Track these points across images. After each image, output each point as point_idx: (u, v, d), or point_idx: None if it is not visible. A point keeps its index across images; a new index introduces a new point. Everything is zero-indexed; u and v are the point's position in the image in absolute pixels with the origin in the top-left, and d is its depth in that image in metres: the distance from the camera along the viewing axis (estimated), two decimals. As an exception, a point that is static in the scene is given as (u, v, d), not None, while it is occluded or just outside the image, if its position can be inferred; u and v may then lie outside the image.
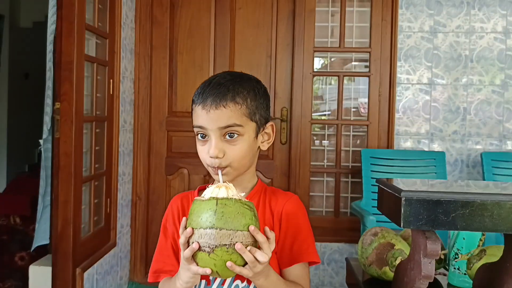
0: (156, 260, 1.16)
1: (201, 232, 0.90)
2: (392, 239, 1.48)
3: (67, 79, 2.49)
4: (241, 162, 1.10)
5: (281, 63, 3.33)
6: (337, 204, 3.29)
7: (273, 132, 1.17)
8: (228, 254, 0.90)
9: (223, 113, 1.06)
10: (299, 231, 1.13)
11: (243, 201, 0.94)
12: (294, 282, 1.10)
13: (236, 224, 0.90)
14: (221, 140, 1.07)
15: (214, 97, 1.07)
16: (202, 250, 0.90)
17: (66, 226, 2.47)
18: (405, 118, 3.18)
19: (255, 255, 0.91)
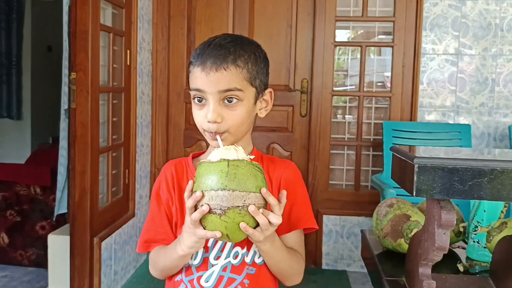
0: (147, 229, 1.11)
1: (212, 194, 0.87)
2: (408, 210, 1.42)
3: (83, 48, 2.47)
4: (239, 128, 1.05)
5: (301, 32, 3.23)
6: (358, 178, 3.23)
7: (271, 99, 1.13)
8: (241, 216, 0.87)
9: (223, 76, 1.01)
10: (297, 198, 1.10)
11: (254, 163, 0.91)
12: (293, 249, 1.09)
13: (249, 186, 0.87)
14: (219, 104, 1.02)
15: (215, 58, 1.01)
16: (213, 213, 0.88)
17: (84, 195, 2.48)
18: (430, 90, 3.06)
19: (268, 217, 0.89)
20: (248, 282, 1.04)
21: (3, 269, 3.13)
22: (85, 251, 2.50)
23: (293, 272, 1.10)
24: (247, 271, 1.05)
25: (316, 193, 3.23)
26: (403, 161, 1.08)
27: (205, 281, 1.04)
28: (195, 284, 1.05)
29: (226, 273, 1.04)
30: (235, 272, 1.04)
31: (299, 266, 1.11)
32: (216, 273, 1.04)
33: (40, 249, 3.09)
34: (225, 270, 1.04)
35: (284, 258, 1.04)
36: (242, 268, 1.05)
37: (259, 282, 1.06)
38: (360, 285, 2.99)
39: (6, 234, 3.16)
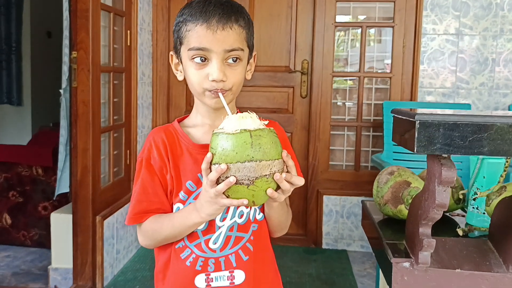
0: (139, 200, 1.06)
1: (238, 166, 0.87)
2: (409, 177, 1.43)
3: (83, 27, 2.47)
4: (239, 88, 1.07)
5: (302, 13, 3.23)
6: (358, 158, 3.24)
7: (254, 62, 1.14)
8: (268, 183, 0.89)
9: (229, 35, 1.00)
10: None
11: (271, 129, 0.91)
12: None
13: (273, 153, 0.88)
14: (223, 63, 1.01)
15: (220, 17, 0.99)
16: (240, 183, 0.88)
17: (85, 174, 2.50)
18: (430, 70, 3.06)
19: (291, 181, 0.91)
20: (253, 238, 1.07)
21: (6, 250, 3.16)
22: (88, 229, 2.52)
23: (287, 224, 1.15)
24: (252, 228, 1.07)
25: (316, 174, 3.25)
26: (404, 120, 1.09)
27: (213, 243, 1.05)
28: (203, 247, 1.05)
29: (233, 233, 1.06)
30: (242, 230, 1.06)
31: (289, 218, 1.17)
32: (223, 234, 1.05)
33: (42, 229, 3.11)
34: (231, 230, 1.06)
35: (285, 212, 1.10)
36: (248, 226, 1.07)
37: (261, 237, 1.09)
38: (360, 264, 3.02)
39: (8, 214, 3.18)
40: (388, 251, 1.22)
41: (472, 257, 1.21)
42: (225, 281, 1.05)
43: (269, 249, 1.15)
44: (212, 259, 1.05)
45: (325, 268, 2.92)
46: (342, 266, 2.95)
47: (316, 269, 2.90)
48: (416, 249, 1.15)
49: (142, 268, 2.87)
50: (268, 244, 1.14)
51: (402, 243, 1.28)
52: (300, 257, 3.08)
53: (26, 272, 2.86)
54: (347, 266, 2.96)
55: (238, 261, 1.05)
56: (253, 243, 1.07)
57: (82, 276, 2.54)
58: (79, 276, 2.54)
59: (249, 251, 1.06)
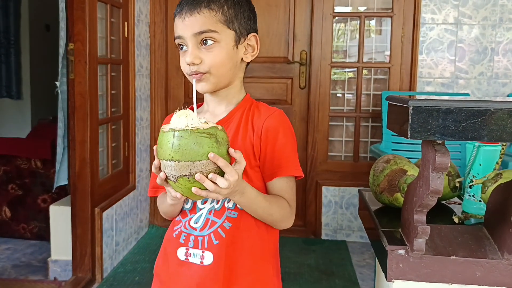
0: (153, 176, 1.13)
1: (164, 164, 0.93)
2: (405, 165, 1.42)
3: (80, 18, 2.46)
4: (220, 70, 1.08)
5: (300, 3, 3.21)
6: (357, 149, 3.24)
7: (257, 44, 1.15)
8: (190, 183, 0.92)
9: (196, 19, 1.06)
10: (278, 145, 1.10)
11: (201, 129, 0.91)
12: (276, 196, 1.10)
13: (193, 155, 0.90)
14: (197, 47, 1.07)
15: (189, 5, 1.07)
16: (169, 179, 0.94)
17: (84, 165, 2.50)
18: (429, 60, 3.05)
19: (216, 182, 0.91)
20: (230, 225, 1.08)
21: (6, 242, 3.17)
22: (86, 221, 2.52)
23: (276, 218, 1.11)
24: (228, 215, 1.09)
25: (315, 165, 3.24)
26: (398, 106, 1.08)
27: (194, 222, 1.11)
28: (187, 224, 1.12)
29: (211, 216, 1.10)
30: (217, 216, 1.09)
31: (283, 212, 1.11)
32: (203, 216, 1.10)
33: (42, 222, 3.11)
34: (210, 214, 1.10)
35: (261, 207, 1.06)
36: (223, 212, 1.09)
37: (241, 225, 1.09)
38: (359, 254, 3.02)
39: (8, 207, 3.18)
40: (383, 238, 1.22)
41: (467, 244, 1.20)
42: (197, 259, 1.10)
43: (254, 239, 1.11)
44: (193, 236, 1.10)
45: (324, 259, 2.93)
46: (341, 257, 2.96)
47: (315, 260, 2.91)
48: (411, 236, 1.15)
49: (142, 259, 2.87)
50: (254, 234, 1.11)
51: (398, 231, 1.28)
52: (299, 248, 3.09)
53: (26, 264, 2.87)
54: (346, 256, 2.97)
55: (209, 244, 1.09)
56: (227, 229, 1.08)
57: (81, 268, 2.55)
58: (79, 268, 2.55)
59: (220, 236, 1.08)
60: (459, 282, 1.13)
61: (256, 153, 1.09)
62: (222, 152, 0.93)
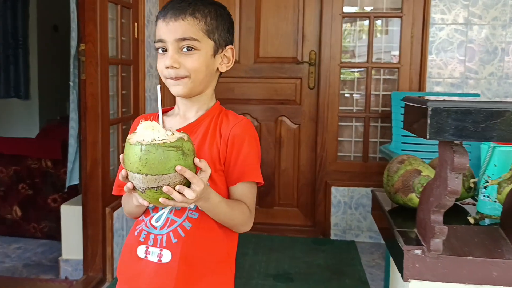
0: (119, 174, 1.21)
1: (131, 175, 0.94)
2: (419, 166, 1.43)
3: (91, 19, 2.47)
4: (198, 75, 1.13)
5: (309, 4, 3.22)
6: (366, 149, 3.24)
7: (232, 56, 1.22)
8: (158, 194, 0.95)
9: (180, 26, 1.10)
10: (243, 153, 1.15)
11: (168, 143, 0.93)
12: (237, 201, 1.15)
13: (160, 169, 0.92)
14: (177, 52, 1.11)
15: (175, 10, 1.11)
16: (137, 189, 0.96)
17: (95, 166, 2.51)
18: (439, 60, 3.05)
19: (184, 193, 0.95)
20: (190, 225, 1.12)
21: (17, 241, 3.19)
22: (98, 221, 2.54)
23: (236, 223, 1.15)
24: (188, 215, 1.12)
25: (324, 165, 3.25)
26: (416, 107, 1.09)
27: (155, 220, 1.14)
28: (148, 223, 1.15)
29: (171, 216, 1.13)
30: (177, 215, 1.13)
31: (243, 217, 1.15)
32: (164, 215, 1.14)
33: (52, 221, 3.13)
34: (171, 213, 1.14)
35: (222, 211, 1.10)
36: (183, 212, 1.13)
37: (201, 226, 1.12)
38: (368, 254, 3.02)
39: (18, 207, 3.21)
40: (399, 238, 1.23)
41: (484, 244, 1.21)
42: (155, 257, 1.13)
43: (214, 240, 1.15)
44: (153, 235, 1.14)
45: (334, 259, 2.93)
46: (350, 257, 2.96)
47: (325, 260, 2.91)
48: (427, 236, 1.16)
49: (152, 259, 2.88)
50: (215, 235, 1.15)
51: (413, 231, 1.28)
52: (308, 248, 3.09)
53: (37, 263, 2.89)
54: (355, 256, 2.97)
55: (168, 242, 1.12)
56: (187, 229, 1.12)
57: (92, 267, 2.56)
58: (90, 267, 2.56)
59: (179, 235, 1.12)
60: (475, 282, 1.14)
61: (221, 158, 1.14)
62: (189, 163, 0.96)
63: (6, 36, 4.81)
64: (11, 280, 2.66)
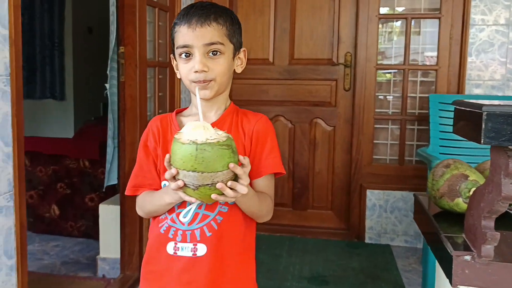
0: (136, 175, 1.26)
1: (184, 173, 0.97)
2: (466, 170, 1.40)
3: (130, 22, 2.51)
4: (223, 78, 1.19)
5: (345, 5, 3.20)
6: (402, 152, 3.20)
7: (245, 57, 1.28)
8: (211, 190, 0.99)
9: (207, 31, 1.15)
10: (267, 147, 1.23)
11: (221, 142, 0.98)
12: (263, 193, 1.21)
13: (216, 167, 0.96)
14: (204, 56, 1.16)
15: (199, 17, 1.15)
16: (188, 186, 0.99)
17: (133, 166, 2.53)
18: (478, 62, 2.98)
19: (236, 189, 1.01)
20: (221, 219, 1.18)
21: (55, 240, 3.26)
22: (135, 220, 2.57)
23: (262, 213, 1.22)
24: (219, 209, 1.18)
25: (359, 168, 3.22)
26: (468, 111, 1.07)
27: (183, 216, 1.18)
28: (175, 219, 1.18)
29: (201, 210, 1.18)
30: (209, 209, 1.18)
31: (268, 208, 1.23)
32: (192, 210, 1.18)
33: (89, 220, 3.20)
34: (200, 208, 1.18)
35: (254, 204, 1.17)
36: (215, 207, 1.18)
37: (231, 219, 1.19)
38: (404, 259, 2.98)
39: (57, 206, 3.28)
40: (447, 244, 1.20)
41: (537, 251, 1.17)
42: (189, 252, 1.17)
43: (241, 233, 1.22)
44: (181, 231, 1.18)
45: (368, 262, 2.90)
46: (386, 261, 2.92)
47: (360, 263, 2.89)
48: (478, 242, 1.13)
49: (186, 259, 2.91)
50: (241, 228, 1.22)
51: (460, 237, 1.26)
52: (342, 251, 3.07)
53: (75, 261, 2.95)
54: (391, 260, 2.93)
55: (202, 236, 1.17)
56: (219, 222, 1.17)
57: (129, 266, 2.60)
58: (127, 266, 2.60)
59: (213, 229, 1.17)
60: (528, 290, 1.11)
61: (246, 153, 1.21)
62: (236, 160, 1.00)
63: (43, 37, 4.93)
64: (50, 277, 2.72)
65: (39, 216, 3.31)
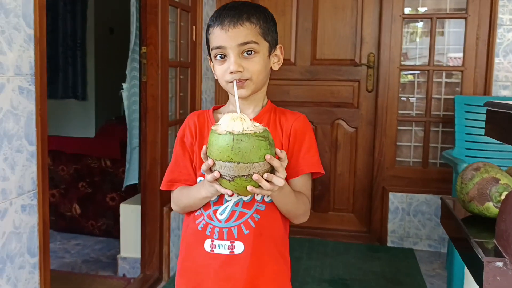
0: (171, 170, 1.26)
1: (220, 164, 0.98)
2: (497, 173, 1.35)
3: (153, 22, 2.52)
4: (259, 77, 1.19)
5: (368, 5, 3.16)
6: (426, 154, 3.14)
7: (281, 54, 1.27)
8: (247, 182, 0.98)
9: (240, 31, 1.15)
10: (305, 146, 1.22)
11: (258, 133, 0.98)
12: (300, 193, 1.20)
13: (252, 157, 0.96)
14: (239, 57, 1.16)
15: (231, 17, 1.15)
16: (223, 178, 0.99)
17: (154, 165, 2.55)
18: (506, 63, 2.91)
19: (272, 181, 1.00)
20: (259, 217, 1.17)
21: (76, 238, 3.29)
22: (156, 220, 2.57)
23: (299, 213, 1.21)
24: (257, 207, 1.17)
25: (382, 170, 3.18)
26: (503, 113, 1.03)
27: (220, 213, 1.18)
28: (212, 216, 1.18)
29: (238, 208, 1.17)
30: (246, 207, 1.17)
31: (305, 208, 1.21)
32: (229, 208, 1.17)
33: (110, 219, 3.21)
34: (237, 206, 1.17)
35: (291, 201, 1.16)
36: (252, 204, 1.17)
37: (268, 217, 1.18)
38: (428, 263, 2.92)
39: (78, 204, 3.30)
40: (478, 250, 1.16)
41: None
42: (226, 250, 1.17)
43: (278, 231, 1.22)
44: (217, 228, 1.18)
45: (390, 267, 2.85)
46: (408, 265, 2.87)
47: (381, 267, 2.84)
48: (510, 248, 1.09)
49: (206, 260, 2.89)
50: (278, 226, 1.22)
51: (491, 242, 1.22)
52: (363, 254, 3.02)
53: (96, 260, 2.96)
54: (414, 265, 2.88)
55: (239, 234, 1.17)
56: (256, 220, 1.17)
57: (149, 265, 2.60)
58: (147, 265, 2.60)
59: (250, 226, 1.17)
60: None
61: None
62: (273, 153, 1.01)
63: (65, 38, 4.98)
64: (71, 275, 2.74)
65: (61, 215, 3.34)
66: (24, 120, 1.54)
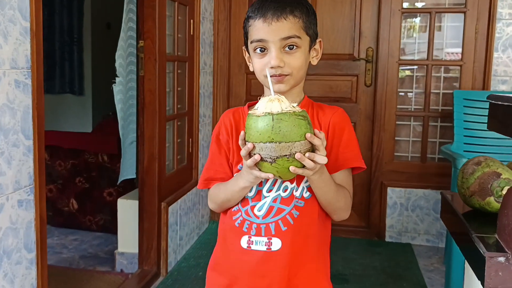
0: (208, 169, 1.25)
1: (261, 146, 0.97)
2: (498, 168, 1.35)
3: (150, 16, 2.50)
4: (300, 72, 1.16)
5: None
6: (425, 149, 3.13)
7: (321, 48, 1.24)
8: (289, 162, 0.97)
9: (283, 25, 1.12)
10: (345, 140, 1.18)
11: (297, 112, 0.97)
12: (341, 185, 1.17)
13: (293, 136, 0.95)
14: (281, 51, 1.13)
15: (274, 10, 1.12)
16: (264, 160, 0.98)
17: (152, 161, 2.54)
18: (505, 57, 2.90)
19: (315, 159, 0.98)
20: (297, 214, 1.14)
21: (73, 233, 3.27)
22: (153, 215, 2.56)
23: (340, 206, 1.17)
24: (295, 203, 1.15)
25: (380, 165, 3.17)
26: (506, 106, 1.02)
27: (258, 210, 1.16)
28: (249, 212, 1.16)
29: (276, 204, 1.15)
30: (284, 203, 1.15)
31: (346, 201, 1.18)
32: (267, 204, 1.15)
33: (107, 214, 3.20)
34: (275, 202, 1.15)
35: (331, 190, 1.12)
36: (291, 200, 1.15)
37: (307, 213, 1.15)
38: (426, 258, 2.92)
39: (75, 200, 3.29)
40: (479, 244, 1.16)
41: None
42: (263, 246, 1.15)
43: (317, 229, 1.18)
44: (255, 224, 1.15)
45: (389, 261, 2.85)
46: (407, 260, 2.87)
47: (381, 262, 2.84)
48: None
49: (204, 255, 2.89)
50: (318, 224, 1.18)
51: (492, 237, 1.21)
52: (362, 249, 3.02)
53: (93, 255, 2.95)
54: (412, 260, 2.88)
55: (276, 230, 1.14)
56: (295, 217, 1.14)
57: (147, 261, 2.59)
58: (145, 261, 2.59)
59: (288, 223, 1.14)
60: None
61: None
62: (312, 132, 0.99)
63: (62, 33, 4.95)
64: (69, 271, 2.73)
65: (58, 210, 3.32)
66: (20, 114, 1.52)
